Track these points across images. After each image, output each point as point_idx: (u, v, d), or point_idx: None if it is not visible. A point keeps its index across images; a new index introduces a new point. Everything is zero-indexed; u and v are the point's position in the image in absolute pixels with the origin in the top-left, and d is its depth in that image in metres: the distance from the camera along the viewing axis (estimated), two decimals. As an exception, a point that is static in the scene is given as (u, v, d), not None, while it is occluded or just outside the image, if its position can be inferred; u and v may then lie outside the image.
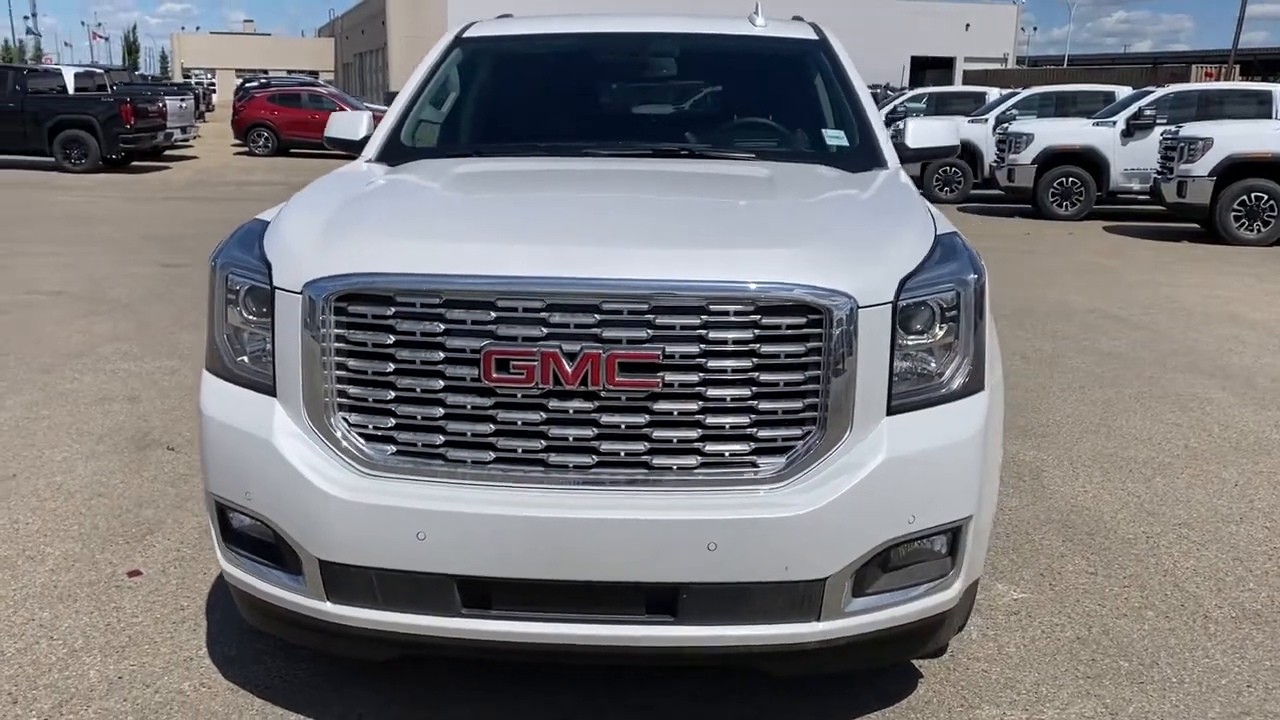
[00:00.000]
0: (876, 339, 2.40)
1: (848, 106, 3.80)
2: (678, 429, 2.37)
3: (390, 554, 2.39)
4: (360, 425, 2.44)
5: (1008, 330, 7.95)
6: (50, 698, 2.89)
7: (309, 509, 2.42)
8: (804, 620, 2.43)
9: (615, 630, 2.43)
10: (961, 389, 2.54)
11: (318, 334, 2.41)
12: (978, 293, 2.56)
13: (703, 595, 2.38)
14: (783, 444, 2.40)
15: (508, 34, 4.24)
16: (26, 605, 3.40)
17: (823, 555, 2.38)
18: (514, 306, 2.34)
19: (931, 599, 2.56)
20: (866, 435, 2.42)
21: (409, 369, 2.39)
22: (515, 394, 2.36)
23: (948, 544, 2.57)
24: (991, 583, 3.67)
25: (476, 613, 2.43)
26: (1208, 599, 3.59)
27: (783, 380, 2.37)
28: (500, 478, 2.40)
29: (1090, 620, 3.42)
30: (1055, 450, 5.17)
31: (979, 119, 19.27)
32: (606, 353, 2.32)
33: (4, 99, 19.88)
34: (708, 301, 2.33)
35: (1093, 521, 4.25)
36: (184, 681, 2.97)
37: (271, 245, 2.60)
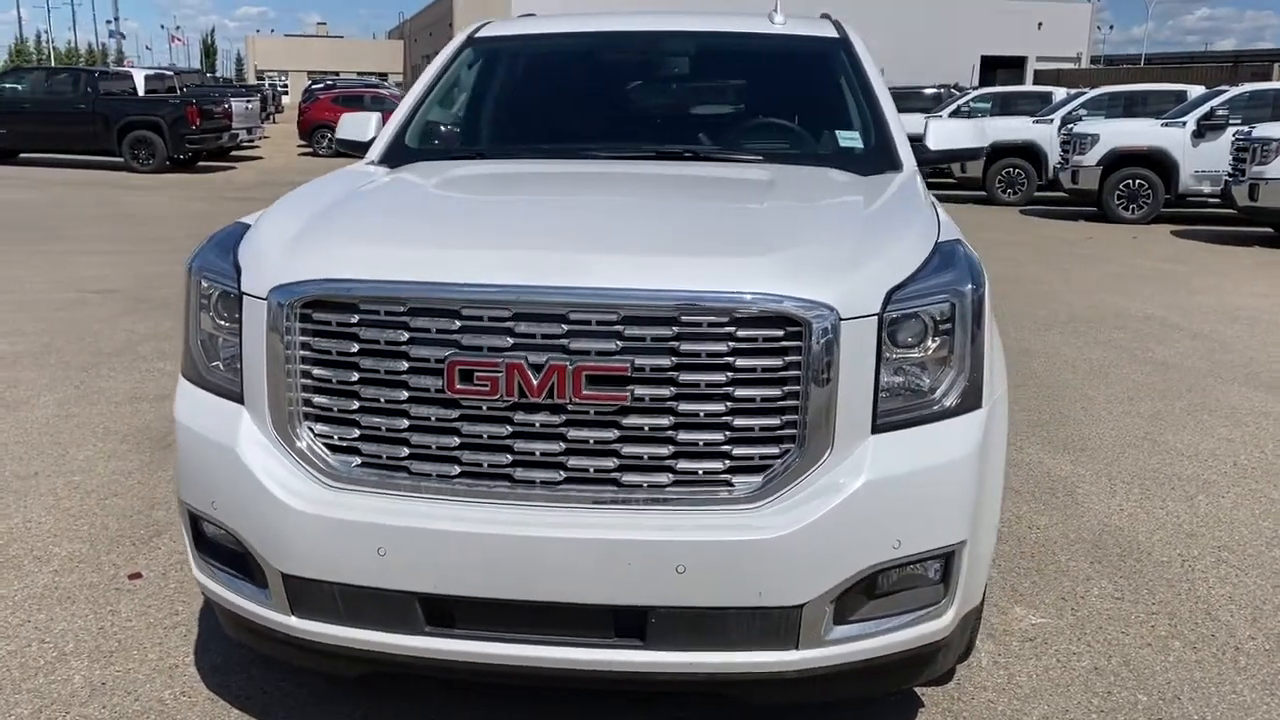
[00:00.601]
0: (861, 353, 2.27)
1: (865, 107, 3.66)
2: (648, 445, 2.26)
3: (351, 569, 2.32)
4: (325, 436, 2.38)
5: (1059, 339, 7.70)
6: (31, 703, 2.87)
7: (270, 521, 2.36)
8: (781, 648, 2.30)
9: (583, 654, 2.32)
10: (956, 406, 2.39)
11: (283, 341, 2.35)
12: (976, 304, 2.41)
13: (672, 620, 2.27)
14: (759, 462, 2.28)
15: (519, 34, 4.16)
16: (25, 606, 3.40)
17: (799, 581, 2.25)
18: (479, 315, 2.25)
19: (922, 628, 2.42)
20: (849, 455, 2.29)
21: (373, 378, 2.32)
22: (480, 406, 2.27)
23: (940, 570, 2.42)
24: (1009, 606, 3.50)
25: (440, 631, 2.35)
26: (1241, 629, 3.38)
27: (759, 395, 2.25)
28: (465, 493, 2.31)
29: (1111, 649, 3.24)
30: (1094, 465, 4.95)
31: (1044, 119, 18.82)
32: (573, 364, 2.22)
33: (76, 100, 20.42)
34: (679, 312, 2.22)
35: (1125, 542, 4.05)
36: (166, 690, 2.94)
37: (244, 250, 2.55)
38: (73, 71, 22.51)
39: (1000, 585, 3.65)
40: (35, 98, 20.70)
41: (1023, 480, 4.72)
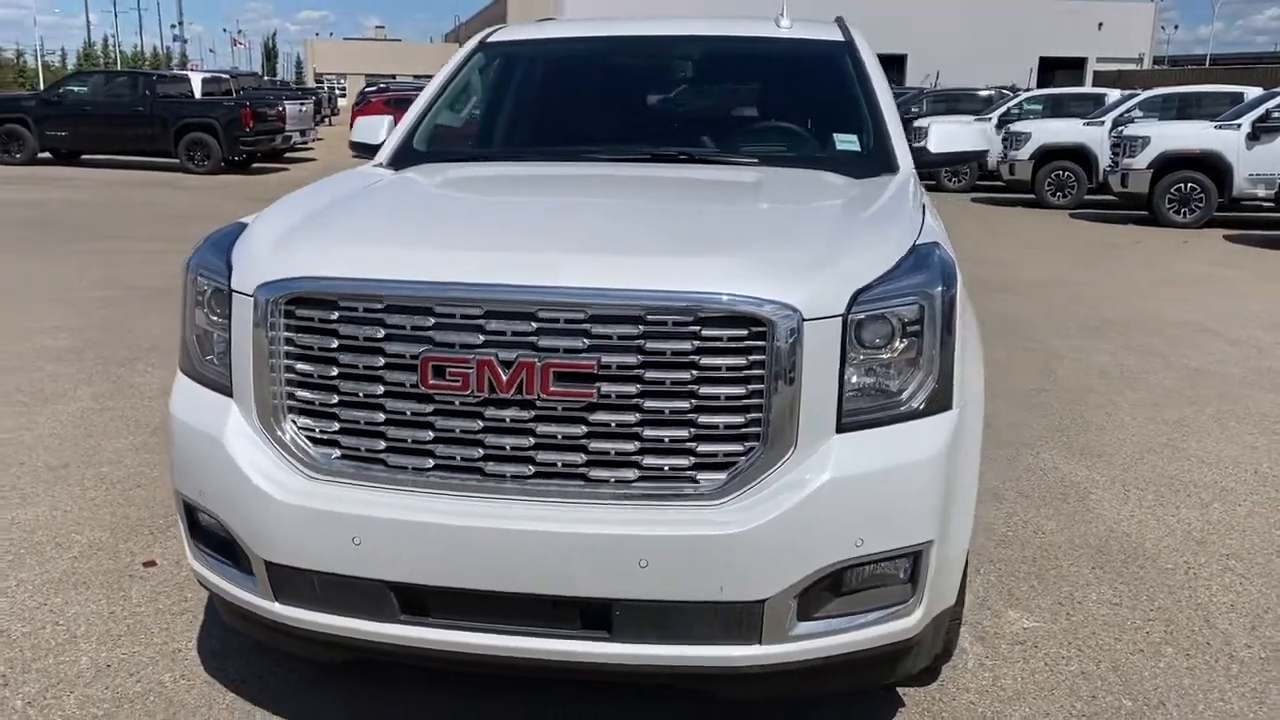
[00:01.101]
0: (825, 353, 2.30)
1: (865, 110, 3.68)
2: (615, 441, 2.32)
3: (328, 558, 2.40)
4: (308, 428, 2.46)
5: (1091, 343, 7.62)
6: (39, 681, 2.99)
7: (253, 510, 2.45)
8: (744, 643, 2.34)
9: (551, 645, 2.38)
10: (924, 408, 2.41)
11: (268, 336, 2.44)
12: (945, 306, 2.43)
13: (636, 612, 2.32)
14: (724, 460, 2.32)
15: (527, 39, 4.23)
16: (43, 590, 3.54)
17: (760, 576, 2.28)
18: (451, 313, 2.32)
19: (888, 626, 2.44)
20: (813, 453, 2.32)
21: (352, 373, 2.40)
22: (453, 401, 2.34)
23: (908, 570, 2.44)
24: (1003, 609, 3.50)
25: (414, 620, 2.42)
26: (1238, 637, 3.35)
27: (724, 394, 2.29)
28: (438, 485, 2.38)
29: (1101, 655, 3.22)
30: (1110, 471, 4.91)
31: (1095, 122, 18.52)
32: (541, 361, 2.28)
33: (134, 103, 20.92)
34: (645, 311, 2.27)
35: (1131, 549, 4.02)
36: (166, 673, 3.05)
37: (237, 249, 2.65)
38: (131, 75, 23.08)
39: (997, 589, 3.65)
40: (96, 100, 21.25)
41: (1034, 485, 4.70)
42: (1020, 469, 4.92)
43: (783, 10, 4.07)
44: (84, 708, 2.87)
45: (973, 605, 3.53)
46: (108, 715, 2.84)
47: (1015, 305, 9.05)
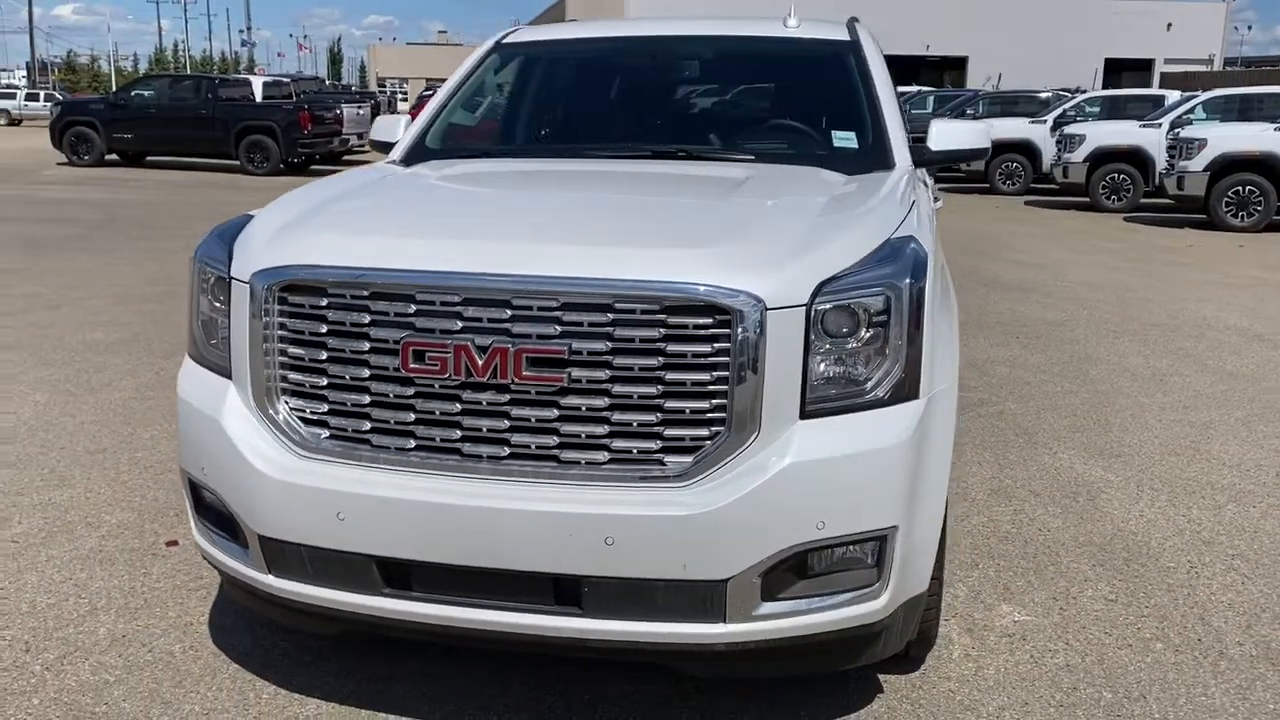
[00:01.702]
0: (788, 342, 2.37)
1: (865, 108, 3.73)
2: (585, 424, 2.41)
3: (316, 532, 2.52)
4: (299, 409, 2.58)
5: (1128, 346, 7.55)
6: (58, 649, 3.16)
7: (248, 486, 2.58)
8: (709, 621, 2.42)
9: (526, 619, 2.48)
10: (889, 396, 2.47)
11: (262, 322, 2.57)
12: (914, 298, 2.49)
13: (604, 589, 2.41)
14: (691, 443, 2.40)
15: (540, 39, 4.35)
16: (70, 566, 3.72)
17: (722, 556, 2.36)
18: (431, 300, 2.43)
19: (855, 609, 2.50)
20: (776, 438, 2.39)
21: (340, 357, 2.52)
22: (433, 384, 2.45)
23: (874, 554, 2.50)
24: (996, 603, 3.53)
25: (398, 593, 2.53)
26: (1231, 635, 3.34)
27: (690, 380, 2.37)
28: (419, 464, 2.49)
29: (1088, 648, 3.24)
30: (1127, 471, 4.89)
31: (1152, 123, 18.21)
32: (515, 347, 2.38)
33: (197, 106, 21.50)
34: (614, 299, 2.36)
35: (1135, 547, 4.01)
36: (177, 644, 3.20)
37: (239, 239, 2.78)
38: (195, 79, 23.70)
39: (993, 583, 3.68)
40: (160, 104, 21.88)
41: (1045, 484, 4.70)
42: (1035, 468, 4.92)
43: (791, 10, 4.14)
44: (97, 673, 3.02)
45: (966, 598, 3.56)
46: (118, 680, 2.99)
47: (1057, 309, 8.98)
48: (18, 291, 8.80)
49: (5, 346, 6.92)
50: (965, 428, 5.53)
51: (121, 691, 2.94)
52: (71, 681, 2.98)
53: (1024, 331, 8.08)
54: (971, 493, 4.58)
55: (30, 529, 4.04)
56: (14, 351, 6.79)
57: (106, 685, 2.97)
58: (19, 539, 3.94)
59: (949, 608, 3.48)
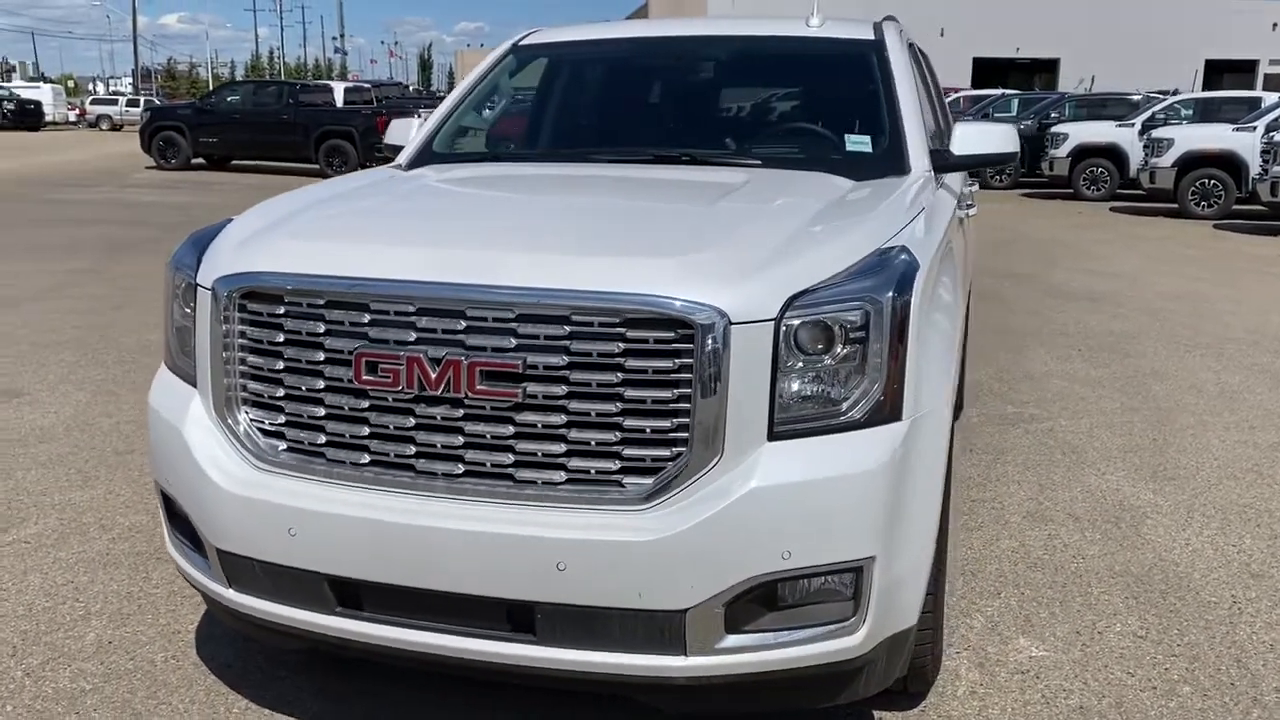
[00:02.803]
0: (755, 358, 2.23)
1: (883, 111, 3.55)
2: (542, 442, 2.29)
3: (269, 548, 2.45)
4: (258, 420, 2.52)
5: (1198, 361, 7.17)
6: (44, 653, 3.15)
7: (205, 497, 2.52)
8: (668, 653, 2.28)
9: (480, 645, 2.37)
10: (866, 418, 2.30)
11: (223, 329, 2.51)
12: (896, 313, 2.32)
13: (558, 616, 2.29)
14: (652, 464, 2.26)
15: (557, 41, 4.25)
16: (74, 568, 3.73)
17: (679, 585, 2.22)
18: (385, 309, 2.34)
19: (829, 645, 2.34)
20: (741, 461, 2.24)
21: (296, 367, 2.44)
22: (386, 397, 2.36)
23: (851, 586, 2.34)
24: (1014, 636, 3.32)
25: (350, 613, 2.45)
26: (1269, 680, 3.08)
27: (650, 397, 2.24)
28: (373, 481, 2.41)
29: (1107, 690, 3.02)
30: (1178, 496, 4.60)
31: (1246, 127, 17.43)
32: (469, 359, 2.28)
33: (279, 111, 21.97)
34: (571, 311, 2.24)
35: (1174, 579, 3.75)
36: (160, 653, 3.17)
37: (211, 245, 2.73)
38: (278, 85, 24.28)
39: (1013, 614, 3.46)
40: (244, 109, 22.41)
41: (1087, 507, 4.44)
42: (1078, 490, 4.66)
43: (814, 9, 3.97)
44: (75, 681, 3.00)
45: (981, 630, 3.36)
46: (95, 689, 2.96)
47: (1127, 320, 8.60)
48: (87, 291, 9.02)
49: (64, 345, 7.08)
50: (1010, 445, 5.29)
51: (95, 700, 2.91)
52: (49, 689, 2.97)
53: (1088, 344, 7.74)
54: (1006, 515, 4.35)
55: (45, 529, 4.07)
56: (71, 350, 6.94)
57: (82, 694, 2.94)
58: (31, 540, 3.97)
59: (962, 639, 3.29)
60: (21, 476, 4.63)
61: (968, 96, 30.44)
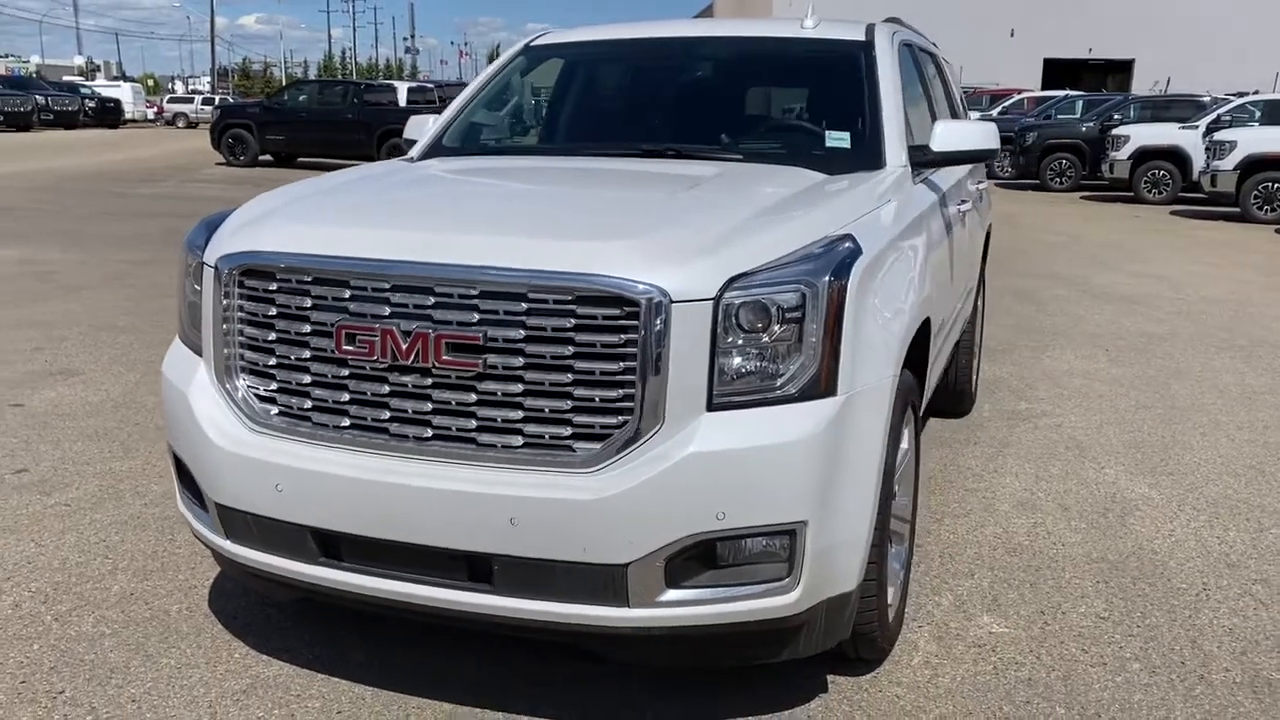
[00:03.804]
0: (695, 334, 2.41)
1: (864, 109, 3.70)
2: (501, 409, 2.50)
3: (259, 502, 2.70)
4: (254, 386, 2.76)
5: (1227, 362, 7.17)
6: (71, 601, 3.44)
7: (203, 456, 2.78)
8: (614, 605, 2.48)
9: (443, 594, 2.59)
10: (799, 392, 2.48)
11: (224, 304, 2.76)
12: (832, 296, 2.49)
13: (512, 568, 2.50)
14: (600, 431, 2.46)
15: (565, 41, 4.46)
16: (109, 529, 4.03)
17: (620, 541, 2.42)
18: (364, 286, 2.57)
19: (764, 602, 2.52)
20: (681, 429, 2.43)
21: (286, 338, 2.68)
22: (364, 366, 2.59)
23: (786, 549, 2.51)
24: (978, 613, 3.45)
25: (331, 563, 2.69)
26: (1220, 661, 3.18)
27: (599, 369, 2.43)
28: (352, 442, 2.63)
29: (1058, 664, 3.14)
30: (1174, 490, 4.67)
31: (1318, 129, 17.08)
32: (435, 332, 2.49)
33: (344, 110, 22.53)
34: (528, 289, 2.45)
35: (1150, 566, 3.85)
36: (176, 604, 3.44)
37: (220, 227, 2.98)
38: (343, 84, 24.89)
39: (983, 594, 3.59)
40: (310, 108, 23.02)
41: (1079, 498, 4.54)
42: (1073, 482, 4.75)
43: (809, 10, 4.13)
44: (97, 626, 3.28)
45: (949, 607, 3.50)
46: (114, 633, 3.24)
47: (1163, 322, 8.59)
48: (147, 280, 9.46)
49: (120, 329, 7.47)
50: (1015, 439, 5.38)
51: (112, 643, 3.18)
52: (73, 631, 3.25)
53: (1117, 344, 7.75)
54: (996, 503, 4.46)
55: (85, 494, 4.38)
56: (129, 335, 7.33)
57: (101, 636, 3.22)
58: (72, 502, 4.29)
59: (927, 615, 3.43)
60: (69, 447, 4.97)
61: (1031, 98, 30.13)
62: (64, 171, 21.26)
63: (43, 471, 4.63)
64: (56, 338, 7.20)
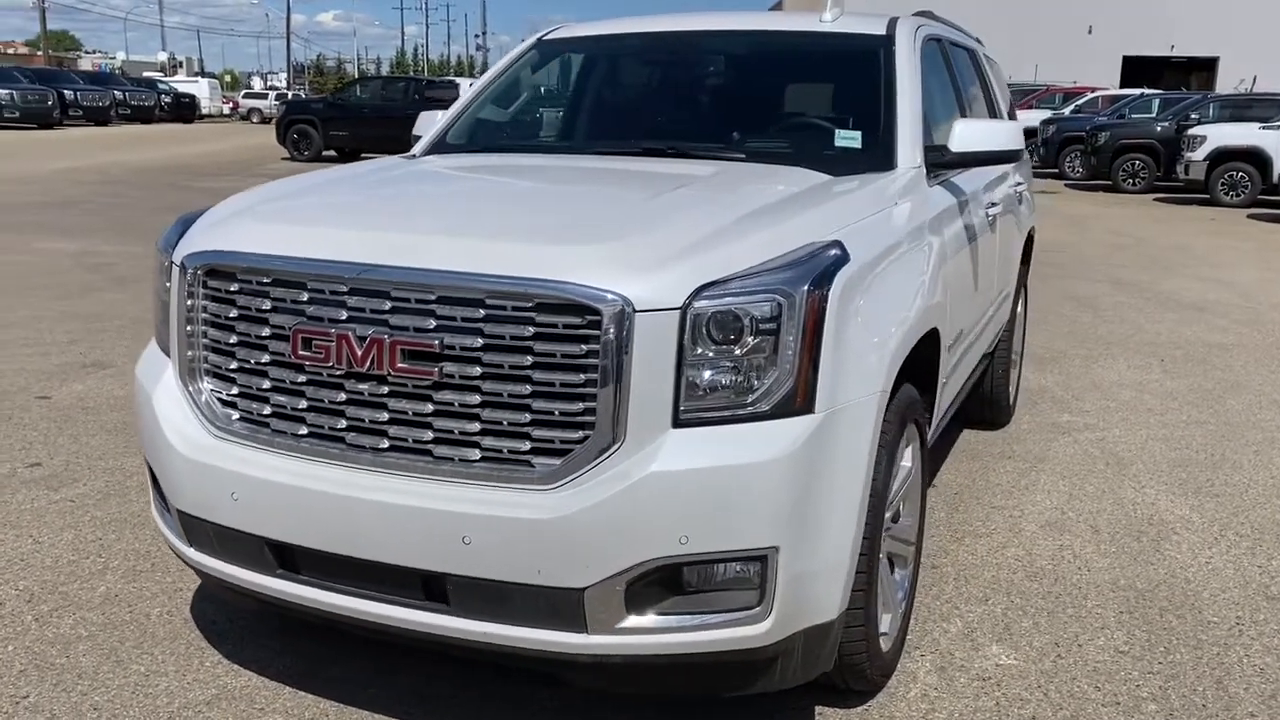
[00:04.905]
0: (659, 345, 2.26)
1: (879, 108, 3.50)
2: (458, 420, 2.38)
3: (217, 510, 2.61)
4: (217, 390, 2.68)
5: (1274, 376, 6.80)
6: (56, 601, 3.40)
7: (165, 459, 2.70)
8: (571, 630, 2.34)
9: (401, 612, 2.47)
10: (775, 408, 2.31)
11: (187, 304, 2.68)
12: (811, 306, 2.32)
13: (466, 588, 2.37)
14: (560, 446, 2.32)
15: (576, 36, 4.33)
16: (106, 527, 4.00)
17: (576, 564, 2.28)
18: (321, 289, 2.47)
19: (734, 632, 2.36)
20: (644, 446, 2.28)
21: (246, 341, 2.59)
22: (321, 373, 2.49)
23: (757, 575, 2.35)
24: (987, 643, 3.25)
25: (289, 575, 2.59)
26: (1245, 704, 2.94)
27: (559, 380, 2.30)
28: (309, 451, 2.53)
29: (1067, 702, 2.93)
30: (1217, 513, 4.40)
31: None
32: (391, 338, 2.38)
33: (405, 105, 22.63)
34: (486, 295, 2.32)
35: (1181, 596, 3.60)
36: (157, 608, 3.38)
37: (192, 226, 2.91)
38: (405, 80, 25.05)
39: (995, 622, 3.39)
40: (373, 104, 23.24)
41: (1112, 519, 4.29)
42: (1109, 501, 4.50)
43: (827, 4, 3.94)
44: (75, 628, 3.24)
45: (956, 635, 3.30)
46: (89, 636, 3.19)
47: (1227, 331, 8.20)
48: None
49: (159, 324, 7.51)
50: (1052, 454, 5.14)
51: (87, 646, 3.13)
52: (50, 633, 3.21)
53: (1175, 354, 7.41)
54: (1022, 523, 4.24)
55: (91, 489, 4.37)
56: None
57: (78, 639, 3.17)
58: (76, 498, 4.27)
59: (932, 643, 3.24)
60: (86, 441, 4.97)
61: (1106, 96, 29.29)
62: (133, 165, 21.71)
63: (55, 466, 4.63)
64: (95, 330, 7.28)
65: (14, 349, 6.65)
